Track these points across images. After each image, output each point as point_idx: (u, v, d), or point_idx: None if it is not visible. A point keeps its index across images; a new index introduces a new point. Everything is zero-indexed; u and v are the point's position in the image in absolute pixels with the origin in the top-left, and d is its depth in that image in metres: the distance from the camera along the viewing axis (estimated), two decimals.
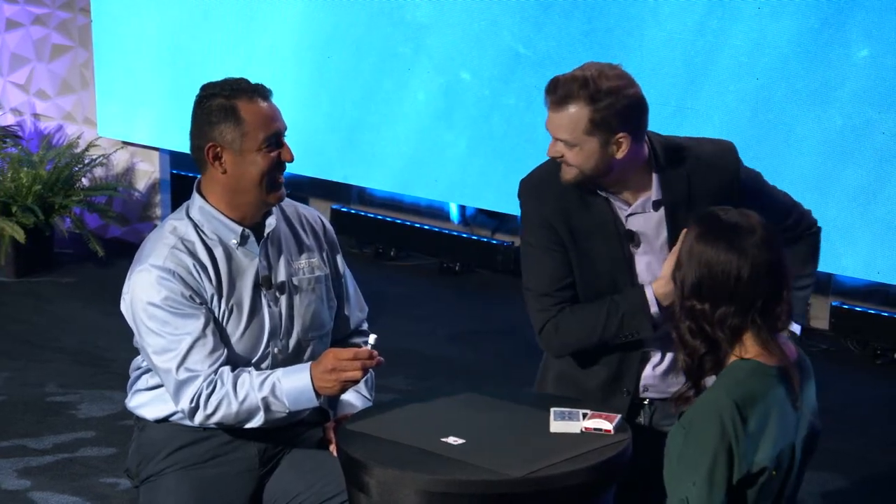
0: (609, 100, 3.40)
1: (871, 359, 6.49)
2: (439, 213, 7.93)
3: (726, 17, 6.19)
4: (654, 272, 3.53)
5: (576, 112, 3.41)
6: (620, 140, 3.43)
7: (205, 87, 3.60)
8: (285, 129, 3.61)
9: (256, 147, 3.53)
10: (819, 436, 3.16)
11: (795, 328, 3.52)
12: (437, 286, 7.58)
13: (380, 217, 8.00)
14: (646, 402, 3.63)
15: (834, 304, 6.66)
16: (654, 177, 3.52)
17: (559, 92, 3.44)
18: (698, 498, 2.89)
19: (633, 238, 3.55)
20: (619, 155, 3.44)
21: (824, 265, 6.19)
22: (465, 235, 7.76)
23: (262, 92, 3.57)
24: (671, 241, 3.50)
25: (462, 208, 7.84)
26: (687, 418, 2.96)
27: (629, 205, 3.54)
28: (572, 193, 3.55)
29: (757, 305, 2.96)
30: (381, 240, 7.97)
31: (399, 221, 7.95)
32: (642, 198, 3.53)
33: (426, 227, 7.87)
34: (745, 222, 3.00)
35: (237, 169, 3.55)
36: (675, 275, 3.05)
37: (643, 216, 3.55)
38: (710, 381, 3.06)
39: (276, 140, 3.56)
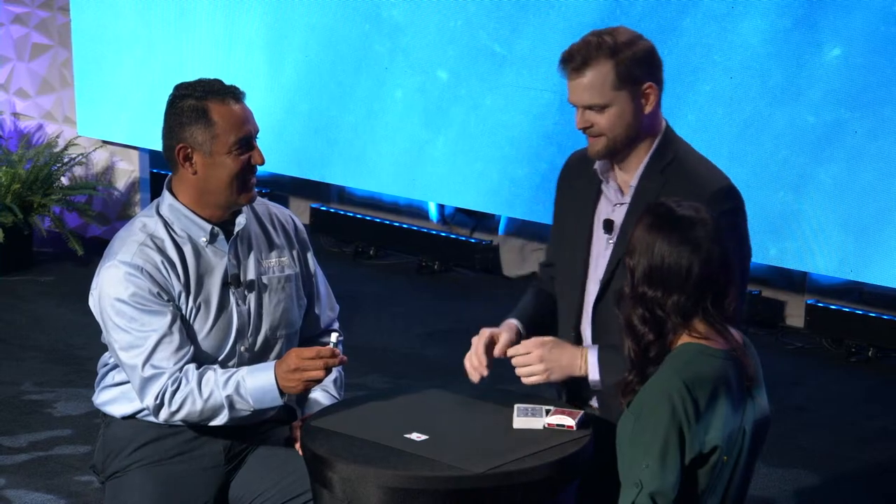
0: (628, 50, 3.40)
1: (845, 356, 6.52)
2: (418, 212, 7.95)
3: (699, 16, 6.21)
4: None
5: (600, 70, 3.39)
6: (647, 91, 3.43)
7: (177, 88, 3.61)
8: (257, 131, 3.62)
9: (226, 150, 3.54)
10: (769, 424, 3.18)
11: None
12: (415, 285, 7.59)
13: (359, 216, 8.02)
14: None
15: (808, 302, 6.69)
16: (643, 163, 3.50)
17: (577, 58, 3.41)
18: (651, 480, 2.91)
19: (610, 227, 3.55)
20: (648, 108, 3.44)
21: (799, 264, 6.27)
22: (443, 234, 7.78)
23: (234, 94, 3.58)
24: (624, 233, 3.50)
25: (441, 207, 7.86)
26: (636, 403, 2.99)
27: (623, 194, 3.53)
28: (582, 170, 3.55)
29: (707, 296, 3.01)
30: (361, 238, 7.98)
31: (378, 220, 7.96)
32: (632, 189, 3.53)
33: (405, 226, 7.88)
34: (697, 216, 3.04)
35: (207, 170, 3.56)
36: (626, 262, 3.08)
37: (625, 207, 3.54)
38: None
39: (246, 143, 3.57)
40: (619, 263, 3.41)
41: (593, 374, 3.45)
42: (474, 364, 3.51)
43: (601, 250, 3.56)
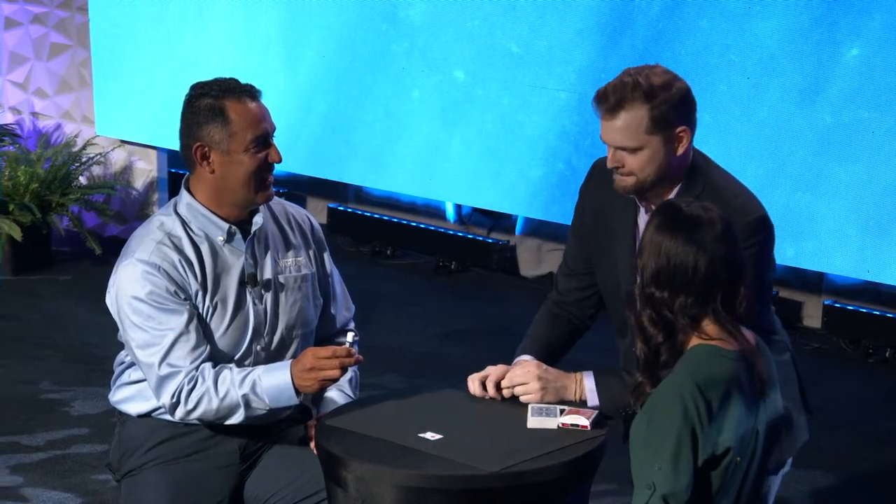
0: (664, 94, 3.36)
1: (862, 357, 6.51)
2: (435, 211, 7.95)
3: (716, 15, 6.20)
4: None
5: (634, 113, 3.36)
6: (681, 134, 3.40)
7: (194, 87, 3.63)
8: (274, 129, 3.63)
9: (243, 148, 3.56)
10: (783, 425, 3.17)
11: None
12: (432, 285, 7.60)
13: (376, 216, 8.03)
14: None
15: (826, 302, 6.68)
16: (672, 194, 3.49)
17: (612, 99, 3.37)
18: (664, 482, 2.91)
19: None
20: (681, 150, 3.41)
21: (816, 264, 6.26)
22: (460, 234, 7.78)
23: (250, 92, 3.59)
24: None
25: (458, 207, 7.86)
26: (649, 405, 2.99)
27: None
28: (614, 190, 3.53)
29: (716, 296, 3.00)
30: (378, 238, 7.99)
31: (395, 220, 7.97)
32: None
33: (422, 225, 7.89)
34: (705, 215, 3.03)
35: (224, 169, 3.57)
36: (637, 262, 3.09)
37: None
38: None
39: (263, 141, 3.58)
40: None
41: (592, 400, 3.46)
42: (478, 391, 3.56)
43: None
